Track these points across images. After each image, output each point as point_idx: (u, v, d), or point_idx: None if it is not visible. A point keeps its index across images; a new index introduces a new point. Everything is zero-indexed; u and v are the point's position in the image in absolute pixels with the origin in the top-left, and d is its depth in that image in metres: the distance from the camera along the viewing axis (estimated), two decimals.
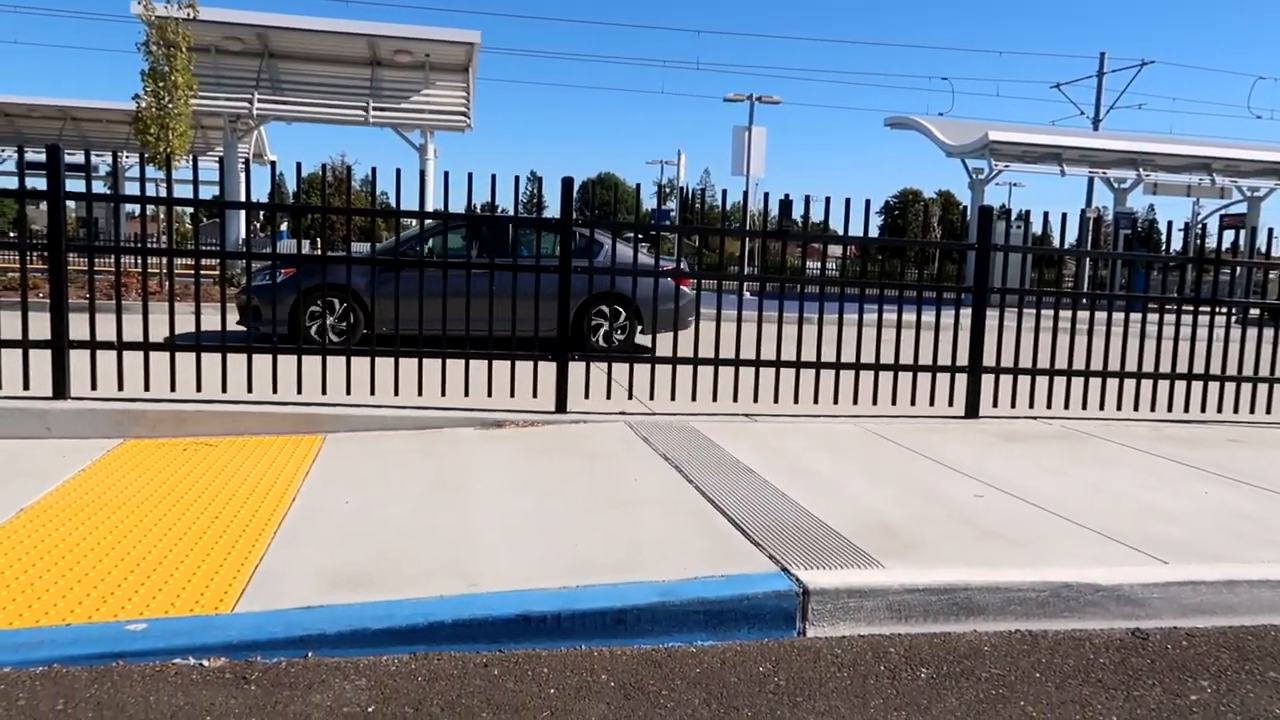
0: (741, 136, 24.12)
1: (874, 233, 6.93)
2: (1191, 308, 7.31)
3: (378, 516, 4.05)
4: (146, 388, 5.78)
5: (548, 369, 6.28)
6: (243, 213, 8.65)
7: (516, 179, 6.20)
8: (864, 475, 5.00)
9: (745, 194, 21.41)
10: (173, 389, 5.79)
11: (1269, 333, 7.79)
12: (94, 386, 5.71)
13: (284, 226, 40.71)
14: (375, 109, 20.53)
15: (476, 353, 6.13)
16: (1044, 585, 3.43)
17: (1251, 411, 7.37)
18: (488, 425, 5.90)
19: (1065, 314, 7.18)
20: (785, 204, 6.68)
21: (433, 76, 20.98)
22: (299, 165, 6.09)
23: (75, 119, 32.77)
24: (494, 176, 6.37)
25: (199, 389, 5.83)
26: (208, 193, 29.08)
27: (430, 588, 3.17)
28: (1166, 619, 3.49)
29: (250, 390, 5.87)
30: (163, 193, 6.11)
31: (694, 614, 3.12)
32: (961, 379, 6.85)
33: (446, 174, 6.08)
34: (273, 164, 14.96)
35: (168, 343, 5.77)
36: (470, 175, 6.30)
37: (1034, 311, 7.05)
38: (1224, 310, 7.54)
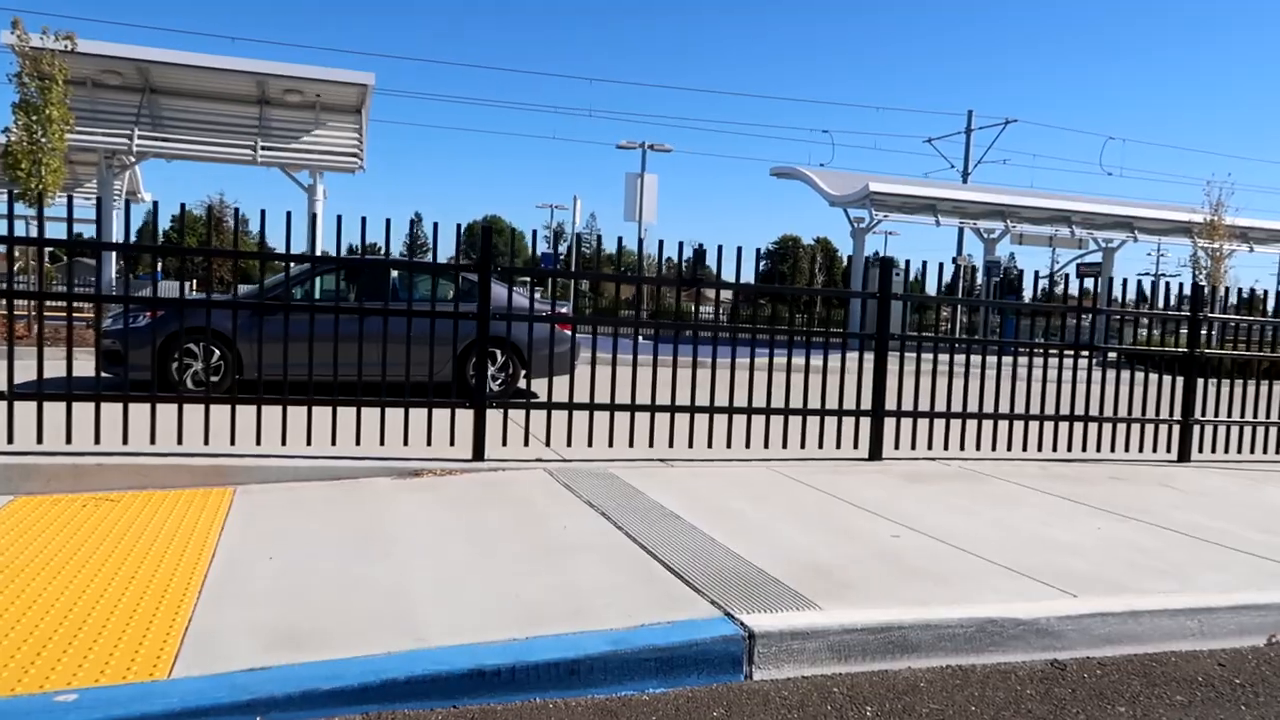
0: (634, 183, 24.55)
1: (753, 278, 7.16)
2: (1062, 352, 7.82)
3: (306, 570, 3.94)
4: (39, 440, 5.46)
5: (458, 415, 6.23)
6: (114, 254, 8.22)
7: (412, 222, 6.18)
8: (786, 518, 5.14)
9: (640, 240, 21.77)
10: (69, 441, 5.49)
11: (1127, 374, 8.36)
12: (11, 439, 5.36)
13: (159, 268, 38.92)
14: (264, 148, 20.01)
15: (393, 400, 6.03)
16: (970, 621, 3.60)
17: (1126, 450, 7.89)
18: (405, 474, 5.80)
19: (949, 357, 7.56)
20: (699, 253, 6.86)
21: (324, 117, 20.63)
22: (183, 206, 5.92)
23: None
24: (388, 221, 6.21)
25: (98, 440, 5.55)
26: (81, 232, 27.71)
27: (377, 643, 3.11)
28: (1080, 649, 3.71)
29: (153, 441, 5.62)
30: (33, 231, 5.84)
31: (645, 662, 3.15)
32: (865, 422, 7.12)
33: (339, 217, 6.01)
34: (155, 204, 14.44)
35: (65, 392, 5.48)
36: (364, 219, 6.20)
37: (919, 356, 7.41)
38: (1087, 354, 8.07)
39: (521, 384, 9.32)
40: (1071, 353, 7.81)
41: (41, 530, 4.45)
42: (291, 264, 6.10)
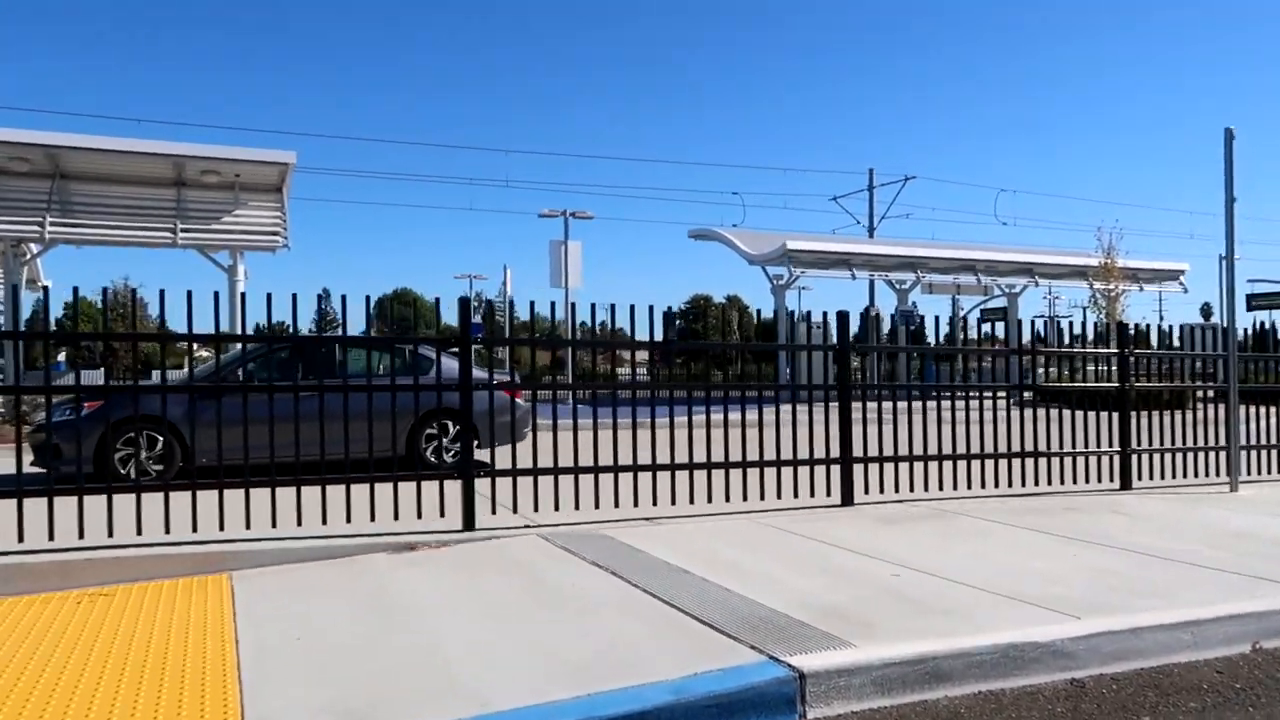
0: (559, 250, 24.85)
1: (667, 337, 7.39)
2: (995, 393, 8.27)
3: (338, 648, 3.92)
4: (20, 538, 5.29)
5: (447, 486, 6.25)
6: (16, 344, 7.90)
7: (344, 298, 6.21)
8: (784, 565, 5.31)
9: (573, 305, 21.98)
10: (51, 537, 5.32)
11: (1053, 411, 8.81)
12: None
13: (60, 358, 37.47)
14: (183, 230, 19.66)
15: (381, 475, 6.04)
16: (995, 648, 3.81)
17: (1075, 481, 8.32)
18: (400, 549, 5.78)
19: (903, 404, 7.92)
20: (669, 316, 7.09)
21: (244, 197, 20.39)
22: (94, 290, 5.88)
23: None
24: (295, 296, 6.06)
25: (81, 535, 5.40)
26: None
27: (446, 712, 3.14)
28: (1093, 667, 3.94)
29: (140, 532, 5.50)
30: None
31: (707, 709, 3.26)
32: (835, 470, 7.38)
33: (269, 295, 5.89)
34: (45, 289, 14.03)
35: (46, 487, 5.33)
36: (295, 296, 6.11)
37: (864, 404, 7.75)
38: (1005, 393, 8.50)
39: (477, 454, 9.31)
40: (1004, 392, 8.27)
41: (44, 630, 4.31)
42: (242, 344, 6.08)
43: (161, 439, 8.59)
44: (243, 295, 20.42)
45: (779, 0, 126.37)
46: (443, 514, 6.22)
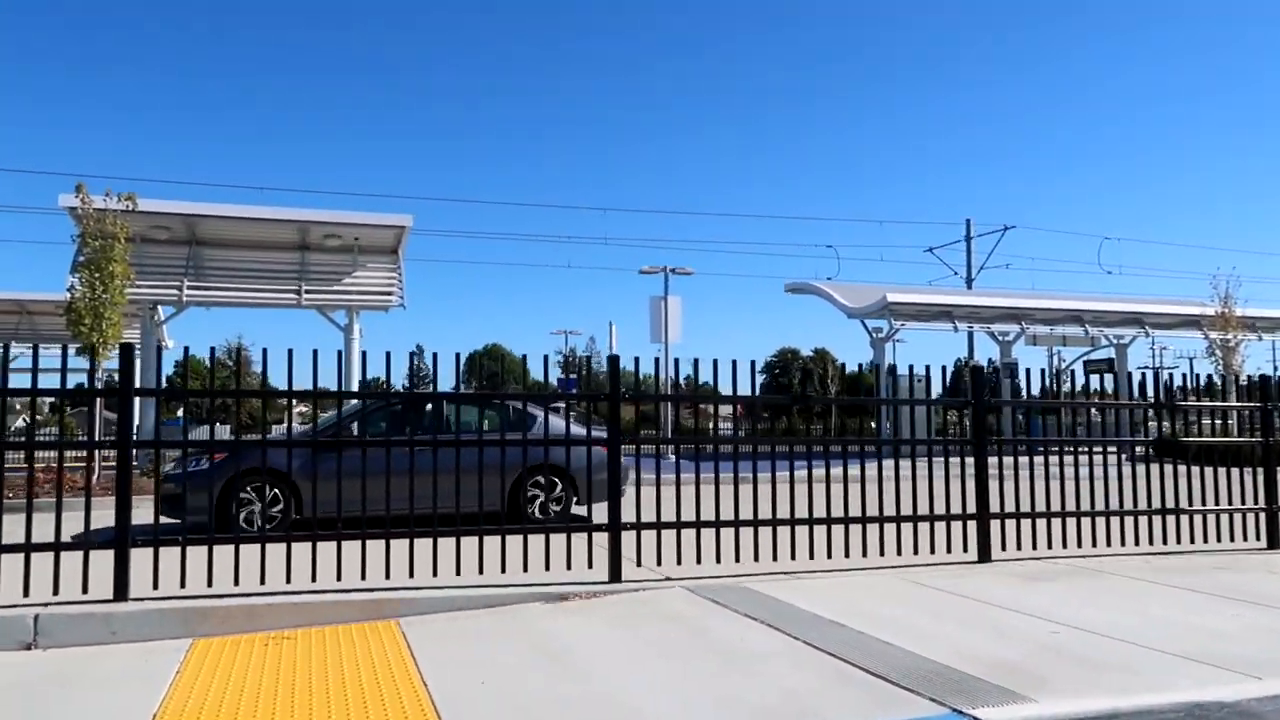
0: (659, 306, 25.24)
1: (755, 390, 7.43)
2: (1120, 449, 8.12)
3: (529, 696, 4.11)
4: (209, 584, 5.67)
5: (595, 539, 6.45)
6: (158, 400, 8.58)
7: (435, 355, 6.56)
8: (937, 619, 5.32)
9: (676, 361, 22.27)
10: (236, 583, 5.70)
11: (1180, 467, 8.56)
12: (155, 586, 5.57)
13: (179, 413, 39.29)
14: (307, 292, 20.66)
15: (534, 527, 6.28)
16: (1179, 706, 3.79)
17: (1218, 540, 8.07)
18: (552, 599, 5.98)
19: (1002, 459, 7.83)
20: (806, 371, 7.22)
21: (362, 259, 21.38)
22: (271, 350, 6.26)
23: None
24: (412, 353, 6.65)
25: (263, 581, 5.76)
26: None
27: None
28: None
29: (314, 579, 5.83)
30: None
31: None
32: (972, 525, 7.34)
33: (388, 354, 6.27)
34: (187, 349, 14.88)
35: (232, 536, 5.73)
36: (388, 355, 6.46)
37: (1000, 459, 7.68)
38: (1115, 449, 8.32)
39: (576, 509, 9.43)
40: (1114, 448, 8.14)
41: (241, 671, 4.62)
42: (362, 399, 6.37)
43: (276, 490, 8.94)
44: (363, 354, 21.26)
45: (870, 55, 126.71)
46: (590, 565, 6.42)
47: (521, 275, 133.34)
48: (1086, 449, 8.13)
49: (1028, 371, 8.43)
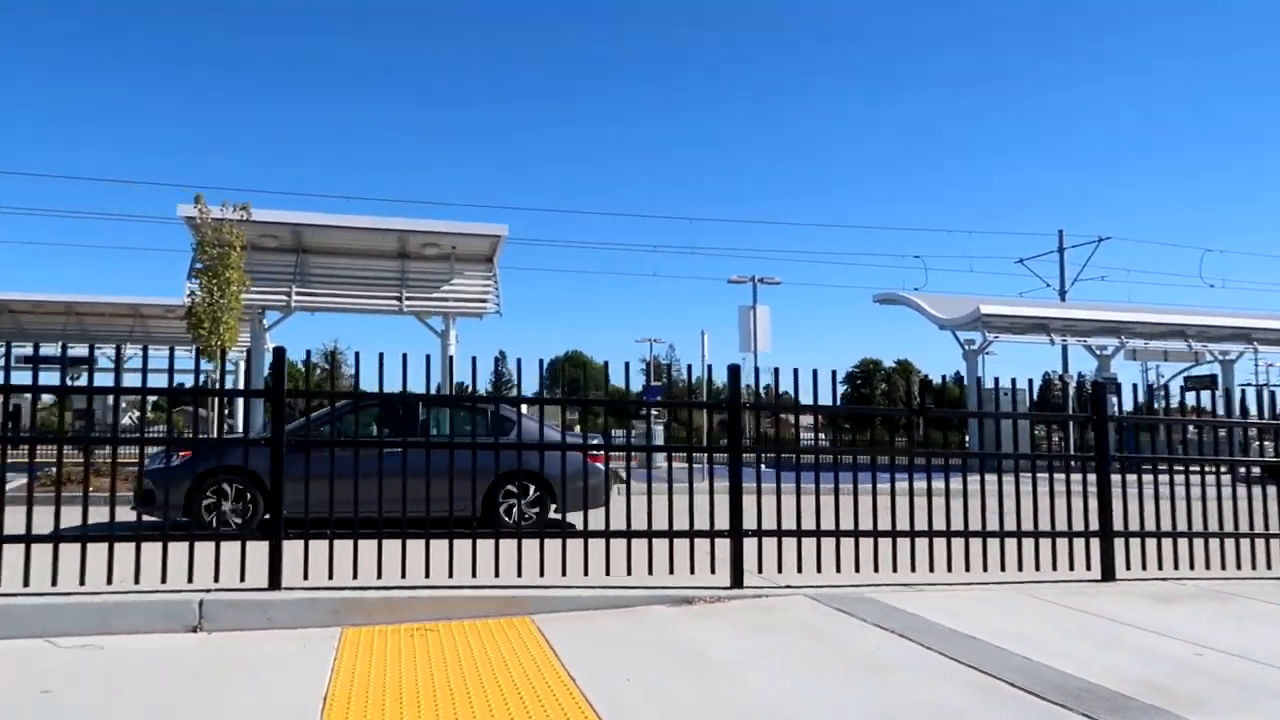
0: (748, 316, 25.23)
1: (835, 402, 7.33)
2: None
3: (678, 698, 4.23)
4: (355, 575, 5.94)
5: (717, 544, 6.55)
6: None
7: (496, 360, 6.67)
8: (1072, 637, 5.28)
9: (756, 370, 22.24)
10: (379, 576, 5.96)
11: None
12: (306, 576, 5.87)
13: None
14: (407, 298, 21.27)
15: (660, 531, 6.41)
16: None
17: None
18: (678, 602, 6.10)
19: (1132, 477, 7.65)
20: (925, 382, 7.21)
21: (459, 267, 21.93)
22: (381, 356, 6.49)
23: (78, 314, 33.37)
24: (495, 358, 6.77)
25: (404, 575, 6.01)
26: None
27: None
28: None
29: (451, 575, 6.06)
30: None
31: None
32: (1095, 543, 7.22)
33: (474, 359, 6.42)
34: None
35: (378, 531, 5.99)
36: (474, 359, 6.52)
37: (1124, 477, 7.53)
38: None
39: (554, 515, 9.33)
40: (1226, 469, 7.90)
41: (395, 659, 4.85)
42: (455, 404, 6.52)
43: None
44: (450, 359, 21.80)
45: (956, 61, 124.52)
46: (713, 571, 6.52)
47: (609, 284, 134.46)
48: (1203, 468, 7.92)
49: (1118, 387, 8.18)
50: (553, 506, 9.19)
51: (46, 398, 8.14)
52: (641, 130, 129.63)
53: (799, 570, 6.70)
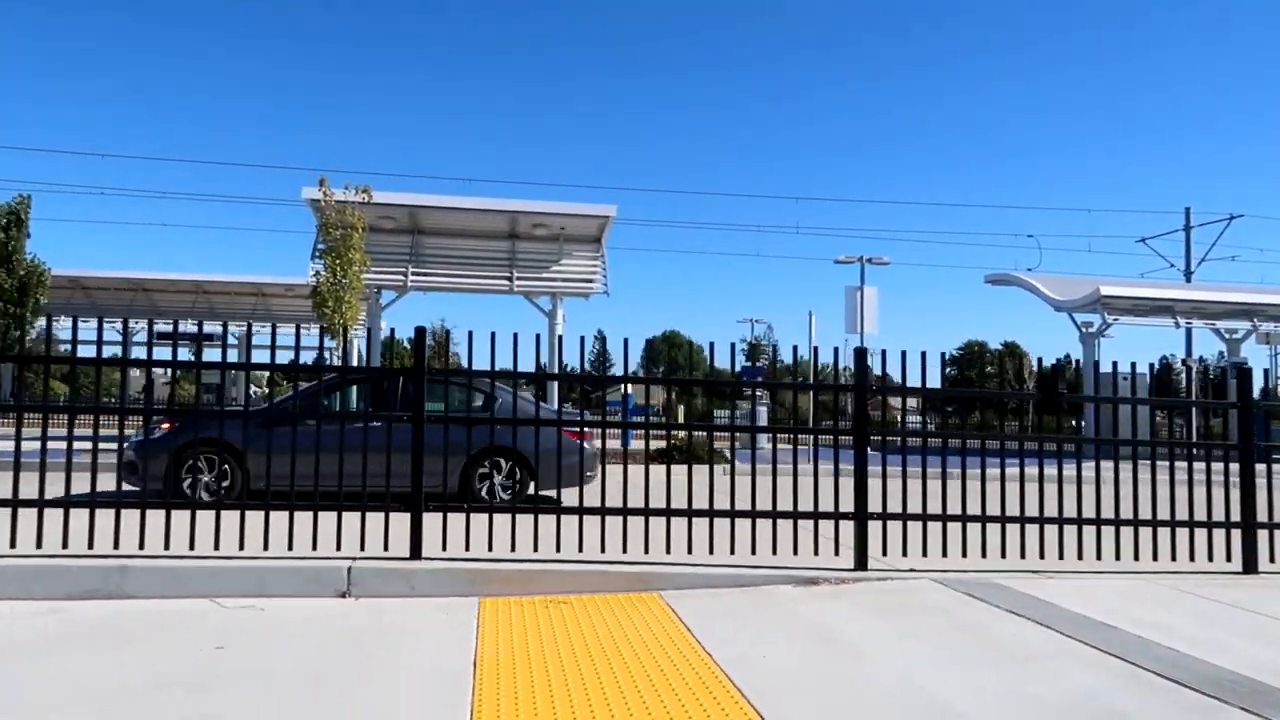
0: (854, 296, 24.81)
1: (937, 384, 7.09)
2: None
3: (820, 678, 4.29)
4: (490, 548, 6.18)
5: (842, 526, 6.56)
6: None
7: (596, 339, 6.67)
8: (1216, 627, 5.12)
9: (864, 351, 21.95)
10: (512, 549, 6.18)
11: None
12: (444, 548, 6.13)
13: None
14: (518, 279, 21.69)
15: (783, 512, 6.46)
16: None
17: None
18: (802, 583, 6.15)
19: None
20: (1056, 368, 7.03)
21: (567, 247, 22.23)
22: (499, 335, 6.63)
23: (206, 292, 35.11)
24: (582, 339, 6.75)
25: (536, 549, 6.22)
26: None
27: None
28: None
29: (581, 550, 6.24)
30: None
31: None
32: (1236, 534, 6.96)
33: (582, 338, 6.63)
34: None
35: (510, 505, 6.21)
36: (559, 338, 6.67)
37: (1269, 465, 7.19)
38: None
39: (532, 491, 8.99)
40: None
41: (534, 629, 5.04)
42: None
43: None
44: (560, 338, 22.16)
45: (1075, 37, 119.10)
46: (837, 552, 6.54)
47: (713, 264, 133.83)
48: None
49: (1248, 372, 7.76)
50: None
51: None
52: (754, 110, 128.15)
53: (924, 554, 6.65)
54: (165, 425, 8.59)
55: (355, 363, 23.06)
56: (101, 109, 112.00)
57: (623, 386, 18.76)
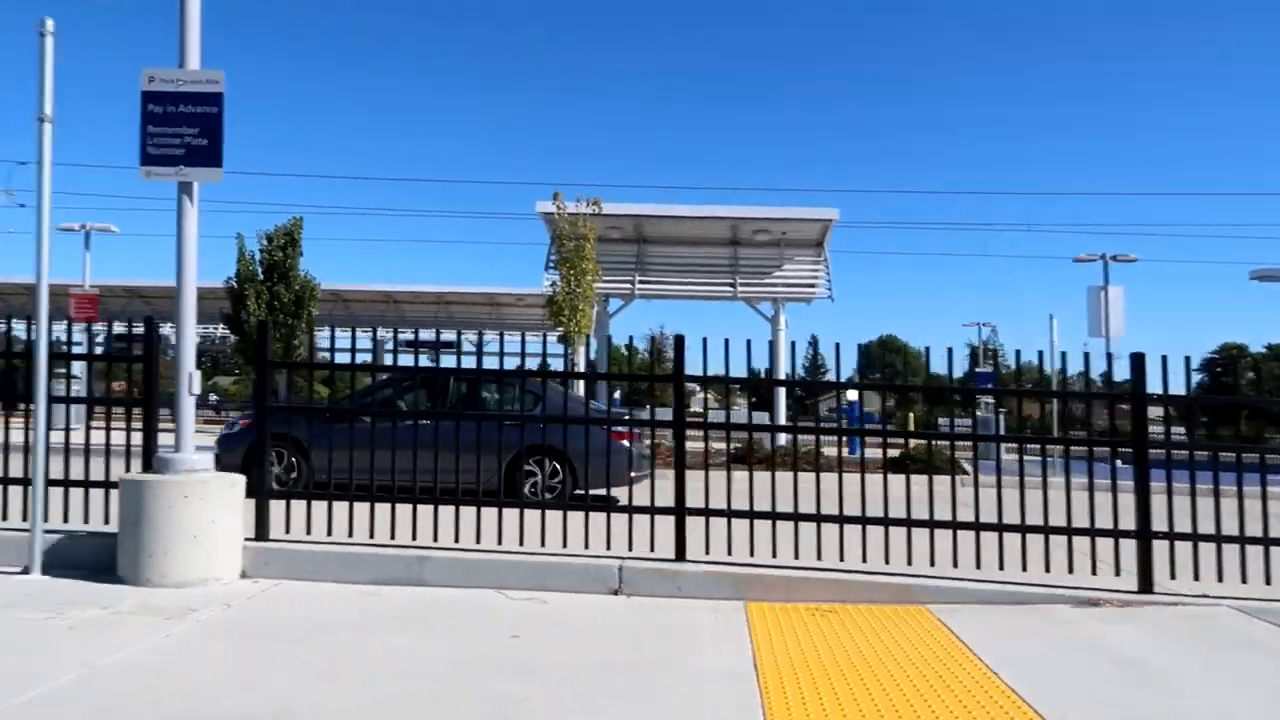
0: (1097, 297, 23.19)
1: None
2: None
3: (1132, 705, 4.07)
4: (751, 554, 6.28)
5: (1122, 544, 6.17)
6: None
7: (810, 344, 6.31)
8: None
9: (1141, 357, 20.43)
10: (774, 555, 6.25)
11: None
12: (707, 551, 6.29)
13: (616, 395, 43.39)
14: (741, 285, 21.84)
15: (1056, 528, 6.16)
16: None
17: None
18: (1081, 603, 5.83)
19: None
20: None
21: (788, 252, 22.15)
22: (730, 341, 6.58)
23: (447, 303, 37.66)
24: (810, 343, 6.50)
25: (796, 556, 6.26)
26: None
27: None
28: None
29: (842, 559, 6.22)
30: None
31: None
32: None
33: (793, 344, 6.34)
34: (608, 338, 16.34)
35: (772, 511, 6.29)
36: (810, 344, 6.40)
37: None
38: None
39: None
40: None
41: (807, 635, 5.07)
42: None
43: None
44: (793, 344, 22.10)
45: None
46: (1117, 573, 6.16)
47: (937, 265, 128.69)
48: None
49: None
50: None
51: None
52: (974, 105, 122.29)
53: (1219, 579, 6.13)
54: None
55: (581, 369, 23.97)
56: (360, 136, 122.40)
57: (846, 392, 18.52)
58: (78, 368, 9.62)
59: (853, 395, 20.78)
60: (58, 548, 6.15)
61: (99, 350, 7.80)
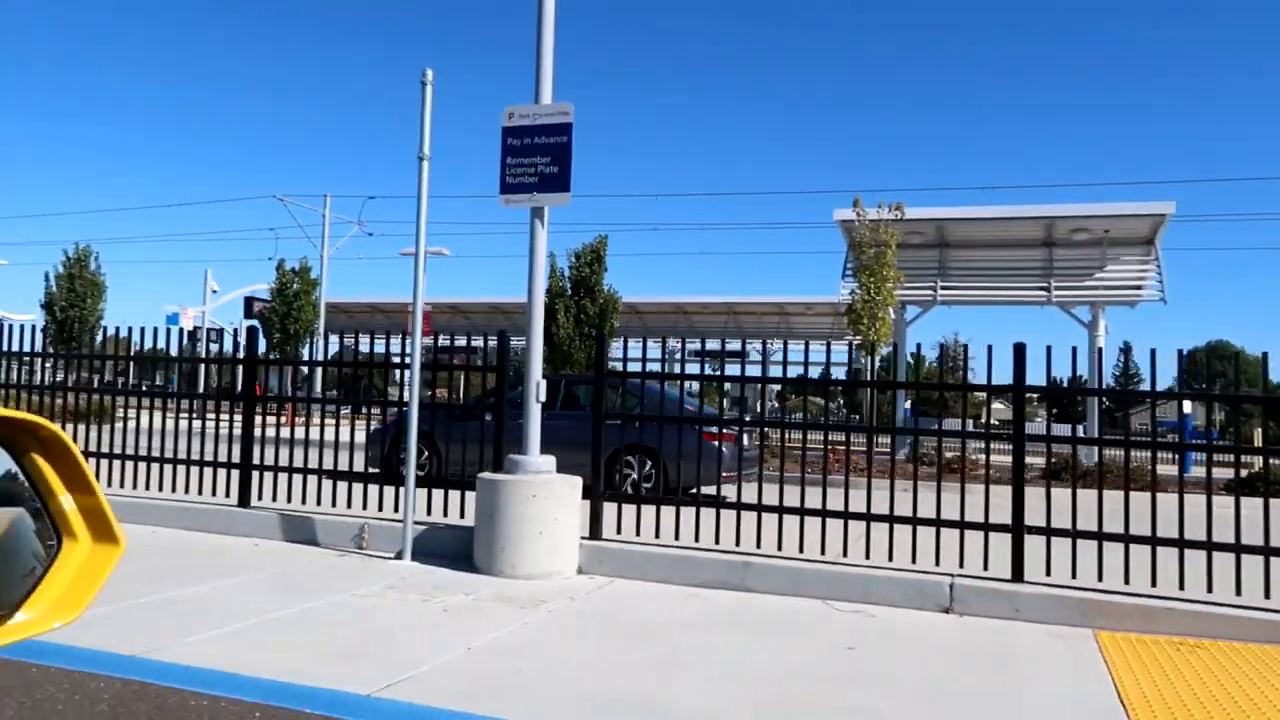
0: None
1: None
2: None
3: None
4: (1100, 578, 5.81)
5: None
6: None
7: (1121, 351, 5.24)
8: None
9: None
10: (1126, 582, 5.73)
11: None
12: (1048, 573, 5.89)
13: (907, 404, 42.05)
14: (1055, 288, 20.33)
15: None
16: None
17: None
18: None
19: None
20: None
21: (1111, 252, 20.30)
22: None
23: (736, 312, 38.28)
24: (1100, 351, 5.45)
25: (1153, 584, 5.70)
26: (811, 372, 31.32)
27: None
28: None
29: (1210, 590, 5.59)
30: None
31: None
32: None
33: (1100, 350, 5.32)
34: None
35: (1125, 535, 5.79)
36: (1121, 350, 5.33)
37: None
38: None
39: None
40: None
41: (1179, 673, 4.59)
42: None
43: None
44: (1099, 350, 20.21)
45: None
46: None
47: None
48: None
49: None
50: None
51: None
52: None
53: None
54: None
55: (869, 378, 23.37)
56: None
57: (1166, 403, 16.89)
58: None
59: (1186, 408, 18.66)
60: (422, 538, 6.91)
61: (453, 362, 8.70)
